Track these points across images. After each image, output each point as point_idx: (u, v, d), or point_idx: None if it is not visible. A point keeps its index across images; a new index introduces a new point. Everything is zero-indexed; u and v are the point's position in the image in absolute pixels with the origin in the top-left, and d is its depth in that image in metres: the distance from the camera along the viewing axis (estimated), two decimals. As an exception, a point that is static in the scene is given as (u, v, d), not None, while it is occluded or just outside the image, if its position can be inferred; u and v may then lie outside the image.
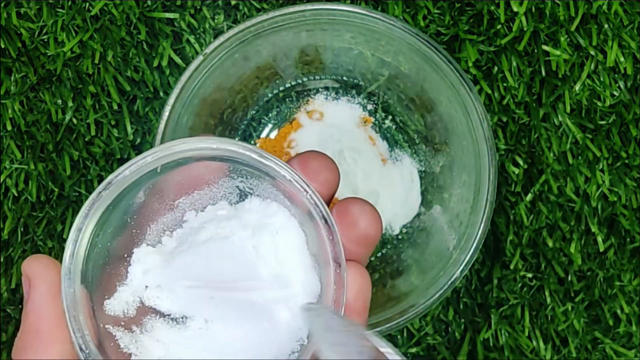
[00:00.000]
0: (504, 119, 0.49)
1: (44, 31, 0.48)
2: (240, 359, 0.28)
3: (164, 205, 0.30)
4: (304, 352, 0.29)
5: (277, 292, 0.28)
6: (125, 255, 0.29)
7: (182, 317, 0.29)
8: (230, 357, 0.28)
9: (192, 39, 0.49)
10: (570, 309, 0.49)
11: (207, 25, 0.49)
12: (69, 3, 0.48)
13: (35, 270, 0.28)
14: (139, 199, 0.29)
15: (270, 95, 0.49)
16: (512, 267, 0.49)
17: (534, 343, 0.49)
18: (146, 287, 0.29)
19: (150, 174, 0.28)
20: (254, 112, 0.49)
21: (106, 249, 0.29)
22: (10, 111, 0.48)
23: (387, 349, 0.23)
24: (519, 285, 0.50)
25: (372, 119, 0.50)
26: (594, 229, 0.49)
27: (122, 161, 0.49)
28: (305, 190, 0.28)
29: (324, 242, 0.28)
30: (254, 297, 0.28)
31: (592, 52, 0.48)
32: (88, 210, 0.28)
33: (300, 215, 0.29)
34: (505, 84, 0.48)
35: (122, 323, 0.29)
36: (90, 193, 0.48)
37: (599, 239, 0.49)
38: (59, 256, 0.49)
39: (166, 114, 0.42)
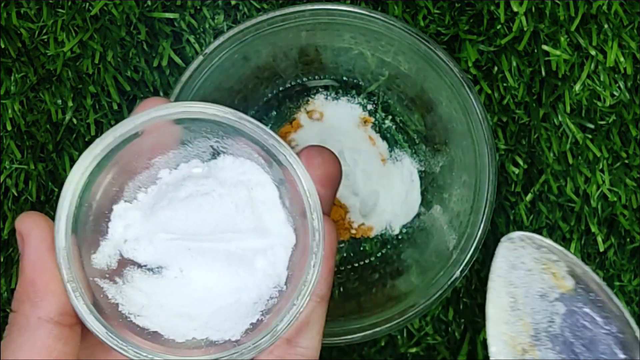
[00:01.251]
0: (504, 119, 0.49)
1: (44, 31, 0.48)
2: (216, 303, 0.30)
3: (141, 164, 0.32)
4: (282, 297, 0.30)
5: (254, 242, 0.30)
6: (107, 212, 0.31)
7: (157, 267, 0.31)
8: (208, 301, 0.30)
9: (192, 39, 0.49)
10: (570, 309, 0.49)
11: (207, 25, 0.49)
12: (69, 3, 0.48)
13: (27, 227, 0.29)
14: (119, 159, 0.30)
15: (270, 95, 0.49)
16: (512, 267, 0.49)
17: (534, 343, 0.49)
18: (125, 240, 0.31)
19: (133, 136, 0.30)
20: (253, 112, 0.49)
21: (91, 206, 0.30)
22: (10, 111, 0.48)
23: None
24: (519, 285, 0.50)
25: (372, 119, 0.50)
26: (594, 229, 0.49)
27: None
28: (277, 146, 0.30)
29: (298, 194, 0.30)
30: (231, 247, 0.30)
31: (592, 52, 0.48)
32: (82, 172, 0.29)
33: (274, 171, 0.31)
34: (505, 84, 0.48)
35: (107, 275, 0.30)
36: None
37: (599, 239, 0.49)
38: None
39: (166, 114, 0.42)
